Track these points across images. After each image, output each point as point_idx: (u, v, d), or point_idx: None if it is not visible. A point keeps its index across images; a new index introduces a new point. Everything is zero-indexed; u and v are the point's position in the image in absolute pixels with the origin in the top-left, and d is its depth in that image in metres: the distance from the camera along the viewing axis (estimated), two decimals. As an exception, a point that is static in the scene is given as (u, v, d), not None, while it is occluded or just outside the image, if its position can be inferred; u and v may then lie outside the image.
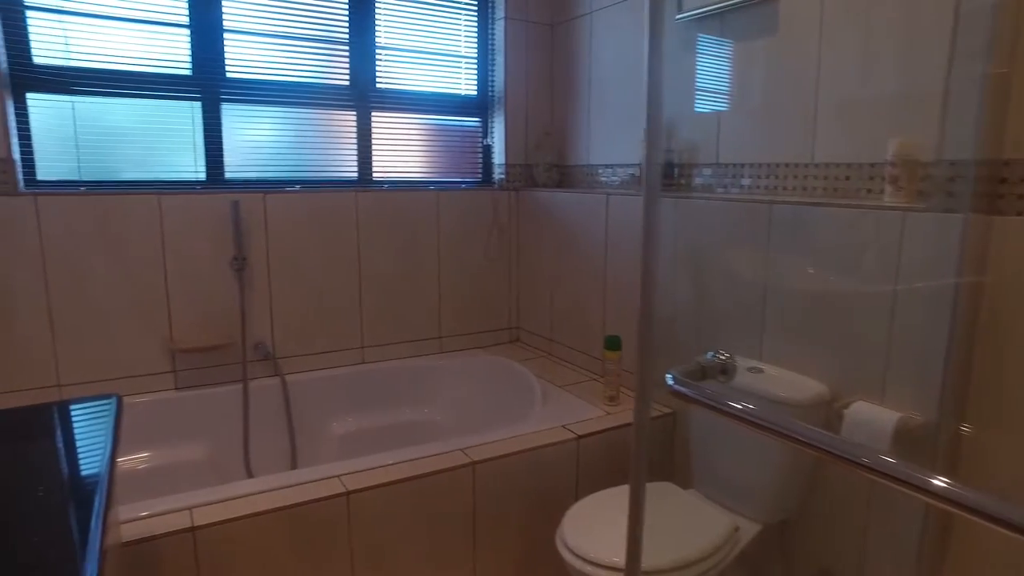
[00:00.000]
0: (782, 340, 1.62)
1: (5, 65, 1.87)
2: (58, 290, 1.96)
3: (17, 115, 1.91)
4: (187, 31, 2.11)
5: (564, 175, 2.70)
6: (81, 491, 0.79)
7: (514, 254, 2.73)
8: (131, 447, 2.04)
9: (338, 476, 1.57)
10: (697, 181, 2.05)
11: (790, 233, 1.59)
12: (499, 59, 2.65)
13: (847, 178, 1.62)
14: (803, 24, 1.67)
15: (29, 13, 1.90)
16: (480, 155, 2.72)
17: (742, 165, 1.88)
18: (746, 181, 1.88)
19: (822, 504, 1.56)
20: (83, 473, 0.84)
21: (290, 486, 1.53)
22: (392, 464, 1.64)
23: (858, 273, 1.43)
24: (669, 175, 2.13)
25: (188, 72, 2.12)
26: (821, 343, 1.53)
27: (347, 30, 2.36)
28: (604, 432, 1.87)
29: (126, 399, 2.05)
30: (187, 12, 2.10)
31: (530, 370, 2.35)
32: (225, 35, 2.16)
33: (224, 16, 2.15)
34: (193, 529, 1.36)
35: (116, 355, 2.06)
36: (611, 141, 2.41)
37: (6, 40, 1.88)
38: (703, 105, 2.02)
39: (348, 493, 1.51)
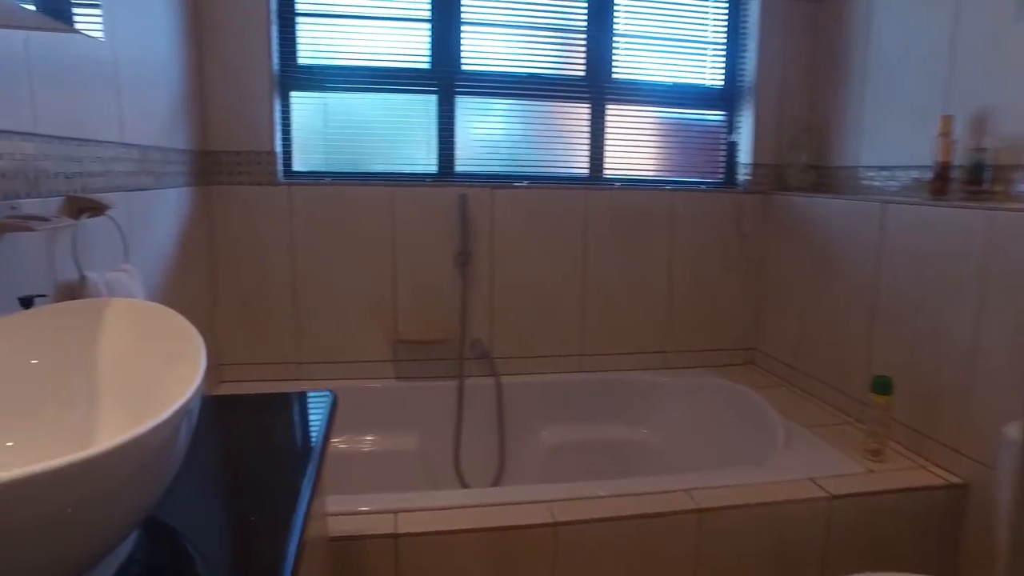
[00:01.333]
0: None
1: (277, 67, 2.03)
2: (302, 273, 2.09)
3: (281, 112, 2.07)
4: (428, 25, 2.13)
5: (822, 178, 2.30)
6: (291, 481, 0.79)
7: (756, 266, 2.40)
8: (358, 429, 2.12)
9: (547, 502, 1.44)
10: (1021, 188, 1.59)
11: None
12: (751, 44, 2.33)
13: None
14: None
15: (299, 19, 2.04)
16: (723, 153, 2.43)
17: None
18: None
19: None
20: (294, 465, 0.85)
21: (496, 504, 1.43)
22: (606, 497, 1.47)
23: None
24: (976, 179, 1.67)
25: (427, 66, 2.15)
26: None
27: (585, 18, 2.23)
28: (866, 495, 1.51)
29: (354, 383, 2.14)
30: (429, 6, 2.12)
31: (768, 401, 2.02)
32: (462, 27, 2.14)
33: (463, 8, 2.13)
34: (395, 536, 1.32)
35: (346, 339, 2.15)
36: (889, 138, 1.99)
37: (280, 44, 2.04)
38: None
39: (556, 524, 1.37)
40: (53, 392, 0.78)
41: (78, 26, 1.05)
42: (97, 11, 1.20)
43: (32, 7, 0.93)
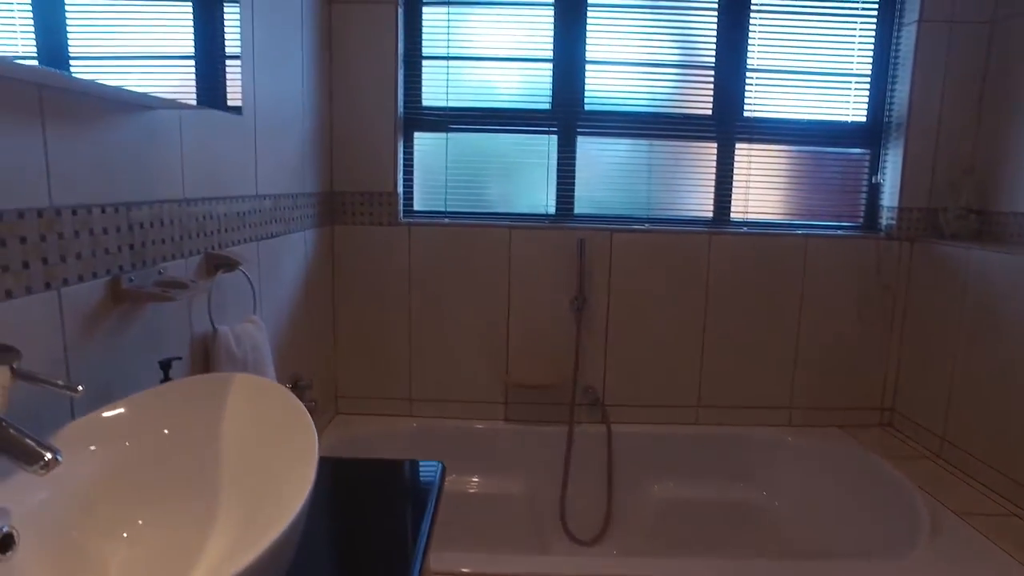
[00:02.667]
0: None
1: (401, 109, 2.07)
2: (418, 311, 2.13)
3: (404, 152, 2.11)
4: (550, 65, 2.11)
5: (986, 225, 2.05)
6: (403, 540, 0.85)
7: (899, 319, 2.18)
8: (465, 469, 2.12)
9: (657, 582, 1.35)
10: None
11: None
12: (903, 74, 2.12)
13: None
14: None
15: (424, 62, 2.09)
16: (864, 195, 2.22)
17: None
18: None
19: None
20: (406, 527, 0.90)
21: (603, 579, 1.36)
22: (722, 582, 1.36)
23: None
24: None
25: (547, 106, 2.12)
26: None
27: (713, 53, 2.12)
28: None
29: (464, 422, 2.15)
30: (551, 46, 2.09)
31: (909, 477, 1.82)
32: (585, 66, 2.10)
33: (588, 47, 2.09)
34: (500, 606, 1.29)
35: (458, 378, 2.16)
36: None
37: (405, 87, 2.08)
38: None
39: (667, 610, 1.29)
40: (181, 469, 0.81)
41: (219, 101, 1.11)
42: (237, 82, 1.26)
43: (183, 95, 0.99)
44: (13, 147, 0.79)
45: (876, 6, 2.14)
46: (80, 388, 0.62)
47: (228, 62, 1.24)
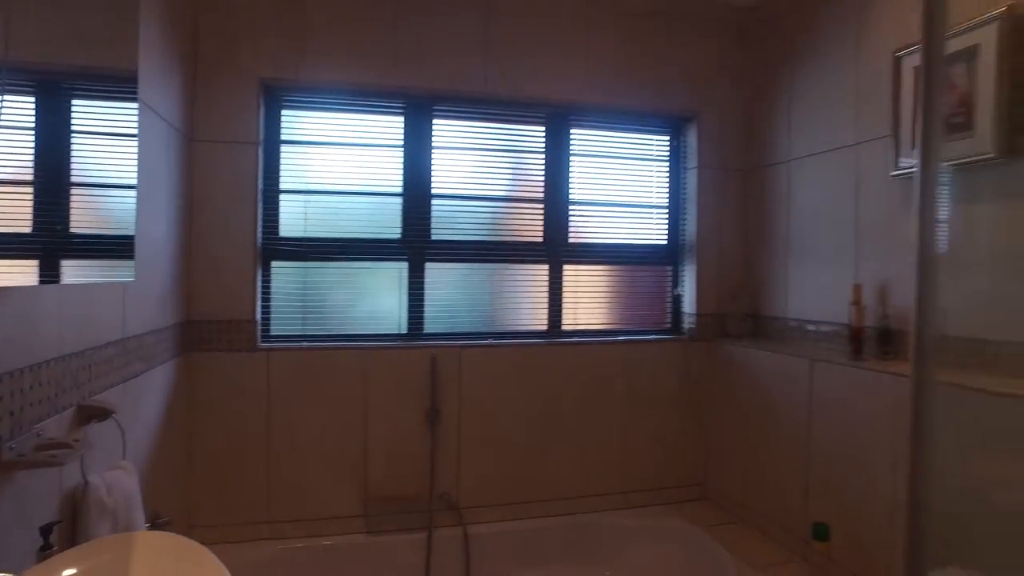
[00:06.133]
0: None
1: (260, 239, 2.19)
2: (277, 434, 2.17)
3: (262, 280, 2.21)
4: (400, 199, 2.35)
5: (759, 326, 2.55)
6: None
7: (706, 408, 2.59)
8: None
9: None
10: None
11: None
12: (691, 207, 2.63)
13: None
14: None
15: (282, 196, 2.24)
16: (670, 304, 2.67)
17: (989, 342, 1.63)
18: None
19: None
20: None
21: None
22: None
23: None
24: (886, 340, 1.92)
25: (398, 235, 2.34)
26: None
27: (542, 188, 2.49)
28: (816, 650, 1.63)
29: (324, 540, 2.17)
30: (401, 181, 2.34)
31: (721, 542, 2.15)
32: (432, 200, 2.37)
33: (433, 182, 2.36)
34: None
35: (318, 497, 2.20)
36: (813, 294, 2.26)
37: (264, 219, 2.21)
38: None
39: None
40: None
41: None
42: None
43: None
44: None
45: (668, 153, 2.65)
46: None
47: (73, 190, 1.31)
